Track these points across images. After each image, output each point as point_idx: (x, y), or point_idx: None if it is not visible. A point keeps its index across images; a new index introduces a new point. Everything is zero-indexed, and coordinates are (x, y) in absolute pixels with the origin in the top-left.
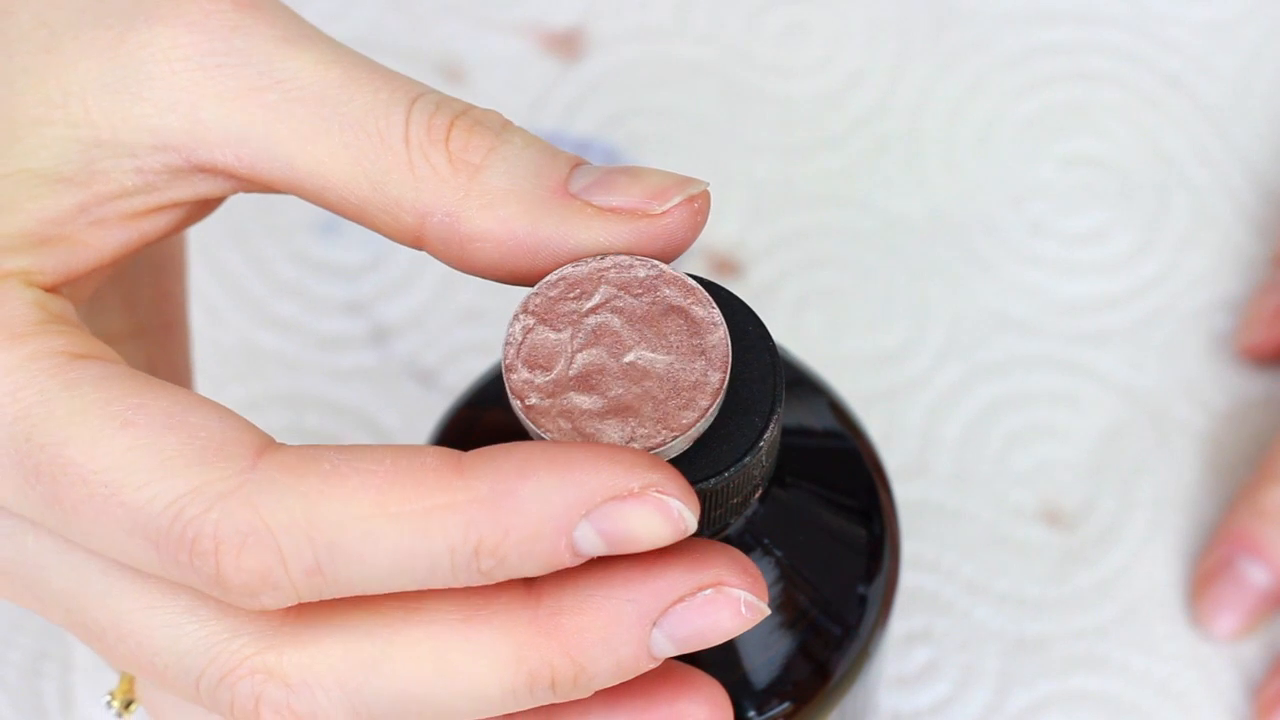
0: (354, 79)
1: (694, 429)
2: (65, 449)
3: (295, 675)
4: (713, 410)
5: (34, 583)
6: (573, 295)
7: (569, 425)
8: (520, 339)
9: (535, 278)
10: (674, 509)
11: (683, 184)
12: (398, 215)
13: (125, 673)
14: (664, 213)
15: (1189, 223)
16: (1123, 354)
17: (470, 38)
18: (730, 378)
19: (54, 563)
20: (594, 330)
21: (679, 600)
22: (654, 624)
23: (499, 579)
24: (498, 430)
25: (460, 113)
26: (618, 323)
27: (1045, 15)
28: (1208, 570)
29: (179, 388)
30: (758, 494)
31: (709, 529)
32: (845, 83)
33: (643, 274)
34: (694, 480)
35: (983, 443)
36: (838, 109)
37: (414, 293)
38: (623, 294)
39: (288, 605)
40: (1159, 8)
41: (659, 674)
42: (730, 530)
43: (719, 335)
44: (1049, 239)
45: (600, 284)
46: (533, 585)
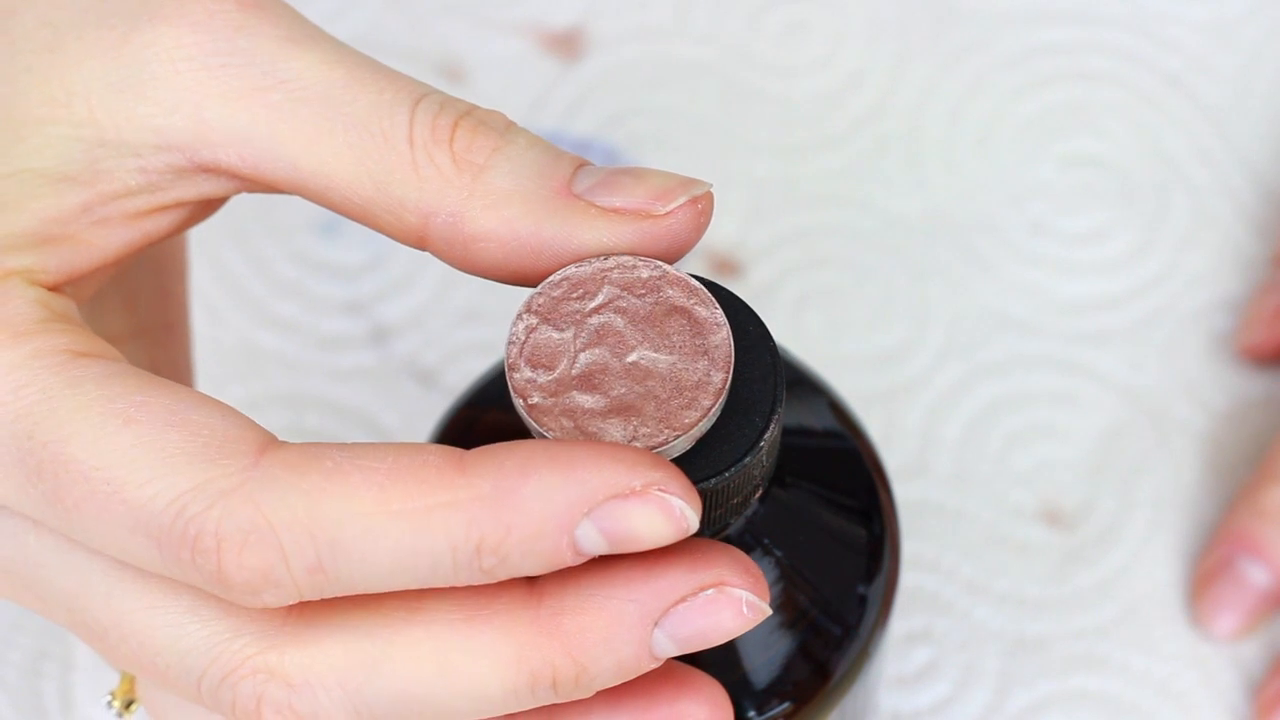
0: (358, 79)
1: (696, 428)
2: (67, 446)
3: (297, 675)
4: (715, 410)
5: (35, 582)
6: (576, 295)
7: (571, 424)
8: (523, 338)
9: (538, 278)
10: (676, 508)
11: (686, 185)
12: (401, 215)
13: (126, 672)
14: (667, 214)
15: (1189, 223)
16: (1123, 354)
17: (470, 38)
18: (731, 377)
19: (55, 562)
20: (597, 330)
21: (681, 600)
22: (655, 624)
23: (501, 578)
24: (498, 430)
25: (464, 113)
26: (621, 323)
27: (1045, 15)
28: (1208, 570)
29: (181, 386)
30: (758, 494)
31: (709, 529)
32: (845, 83)
33: (646, 274)
34: (695, 480)
35: (983, 443)
36: (838, 109)
37: (414, 293)
38: (626, 294)
39: (289, 603)
40: (1159, 8)
41: (660, 674)
42: (730, 530)
43: (722, 336)
44: (1049, 239)
45: (603, 284)
46: (534, 585)
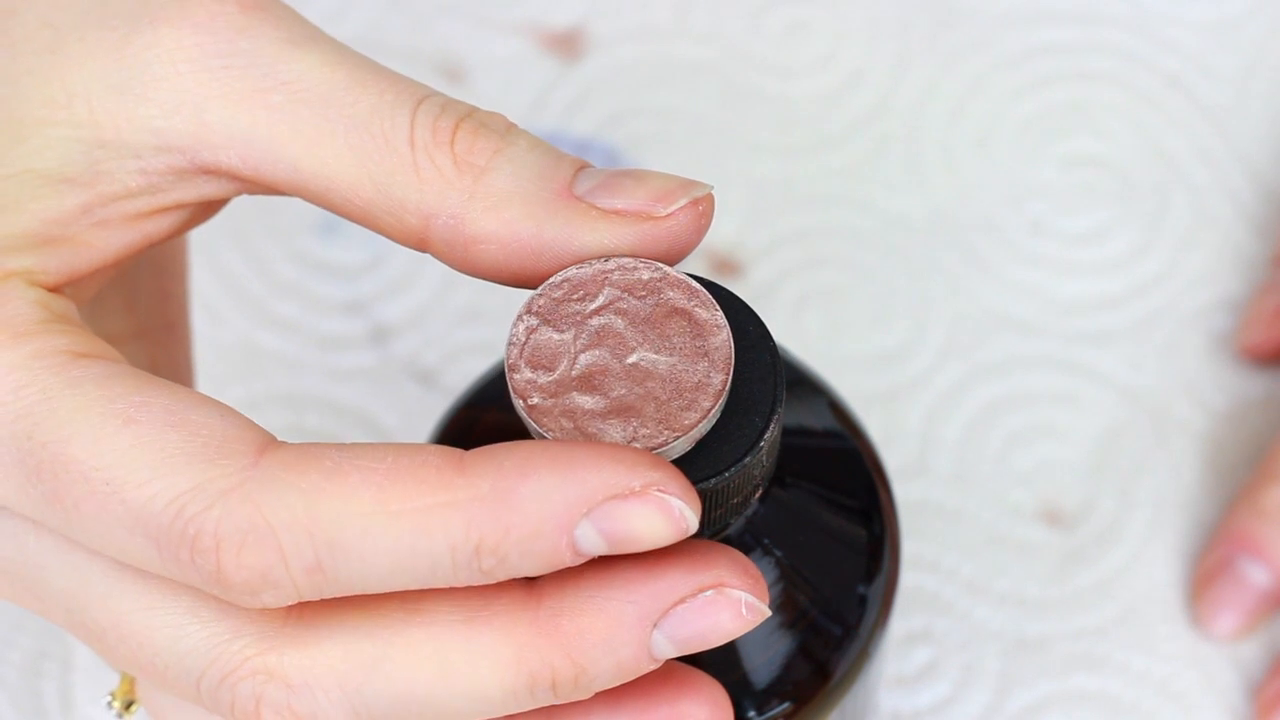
0: (359, 81)
1: (696, 429)
2: (67, 446)
3: (296, 676)
4: (715, 411)
5: (35, 583)
6: (576, 297)
7: (571, 425)
8: (524, 339)
9: (539, 280)
10: (675, 508)
11: (687, 187)
12: (402, 217)
13: (126, 673)
14: (668, 215)
15: (1189, 223)
16: (1123, 354)
17: (470, 38)
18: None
19: (55, 563)
20: (597, 331)
21: (680, 601)
22: (655, 625)
23: (500, 578)
24: (498, 430)
25: (465, 115)
26: (621, 324)
27: (1045, 15)
28: (1208, 570)
29: (181, 386)
30: (758, 494)
31: (709, 529)
32: (845, 83)
33: (646, 276)
34: (694, 480)
35: (983, 443)
36: (838, 109)
37: (414, 293)
38: (626, 296)
39: (289, 604)
40: (1159, 8)
41: (659, 674)
42: (730, 530)
43: (722, 337)
44: (1049, 239)
45: (604, 286)
46: (533, 586)
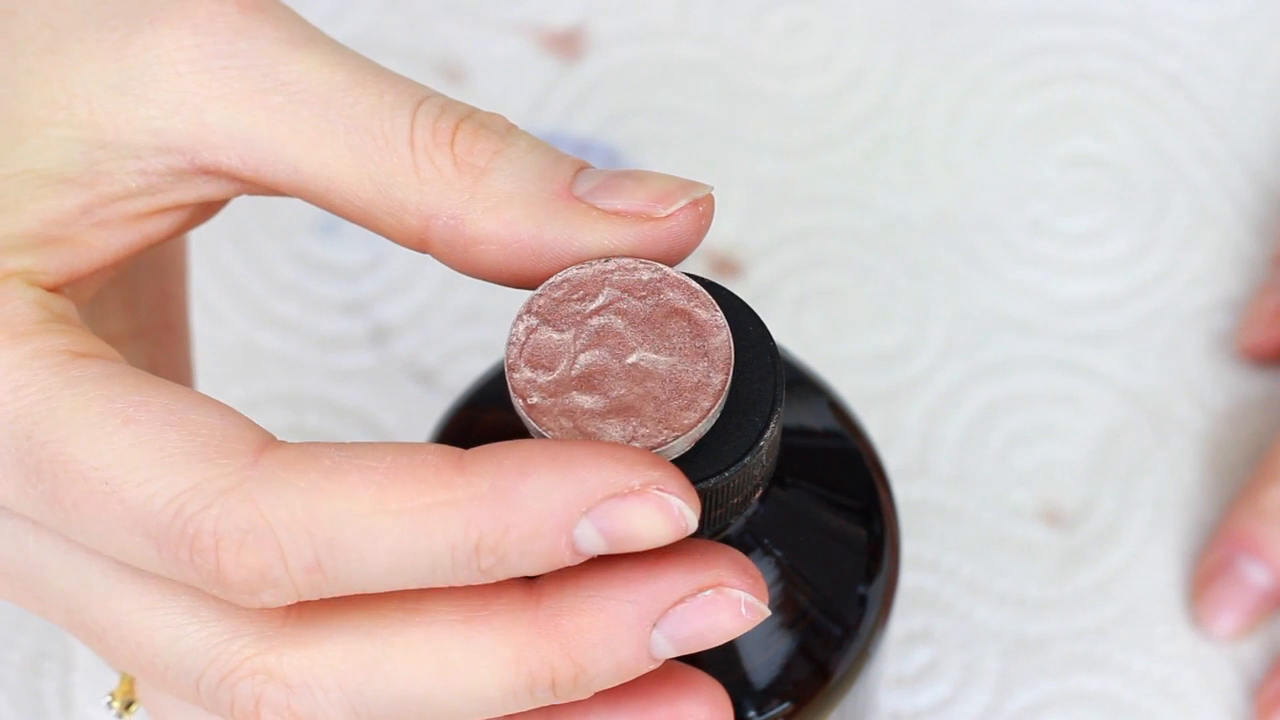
0: (359, 82)
1: (695, 429)
2: (66, 446)
3: (295, 676)
4: (714, 411)
5: (34, 583)
6: (576, 297)
7: (570, 424)
8: (524, 339)
9: (539, 281)
10: (674, 507)
11: (687, 188)
12: (402, 218)
13: (126, 673)
14: (668, 216)
15: (1189, 223)
16: (1123, 354)
17: (470, 38)
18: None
19: (54, 563)
20: (597, 331)
21: (679, 601)
22: (654, 625)
23: (499, 577)
24: (498, 430)
25: (465, 116)
26: (621, 324)
27: (1045, 15)
28: (1208, 570)
29: (180, 386)
30: (758, 494)
31: (709, 529)
32: (845, 83)
33: (646, 277)
34: (694, 480)
35: (983, 443)
36: (838, 109)
37: (414, 293)
38: (626, 296)
39: (288, 603)
40: (1159, 8)
41: (659, 674)
42: (730, 530)
43: (722, 338)
44: (1049, 239)
45: (604, 286)
46: (533, 586)
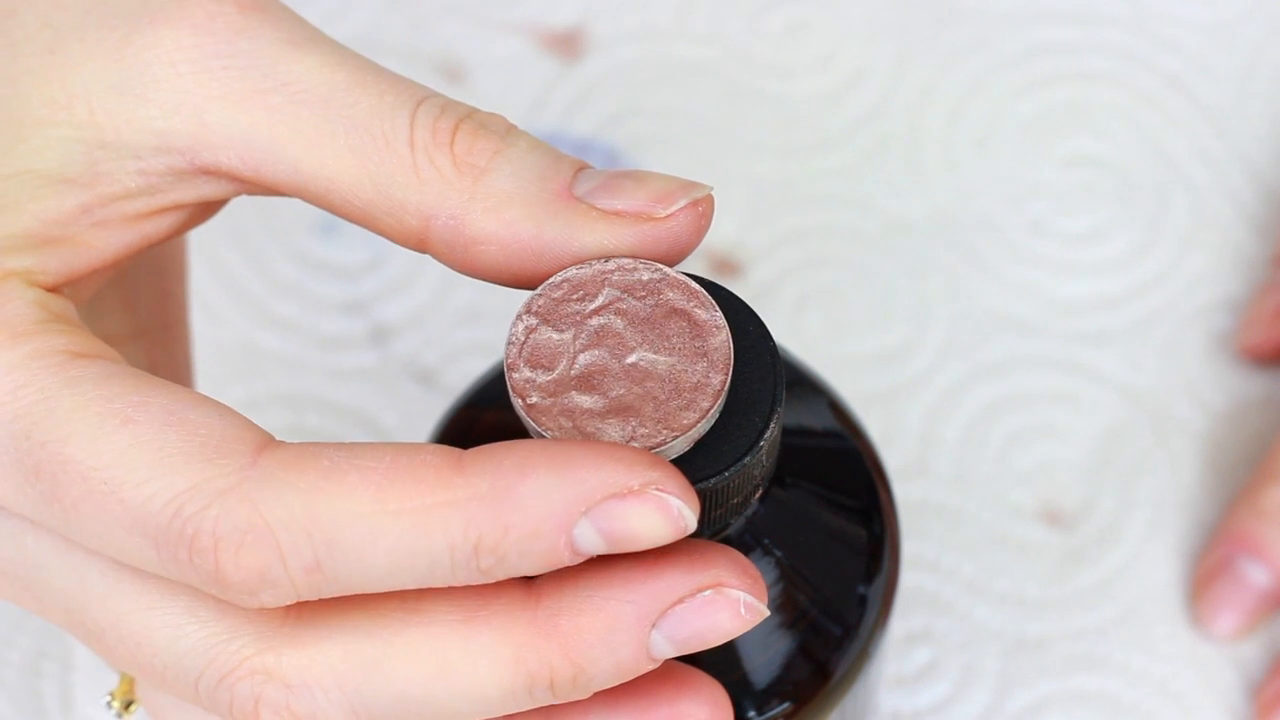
0: (359, 82)
1: (695, 429)
2: (65, 446)
3: (294, 676)
4: (714, 411)
5: (33, 583)
6: (576, 297)
7: (570, 424)
8: (523, 339)
9: (539, 281)
10: (674, 507)
11: (687, 188)
12: (402, 218)
13: (125, 673)
14: (668, 216)
15: (1189, 223)
16: (1123, 354)
17: (470, 38)
18: (730, 378)
19: (54, 562)
20: (597, 331)
21: (678, 601)
22: (653, 625)
23: (498, 577)
24: (497, 430)
25: (465, 116)
26: (620, 324)
27: (1045, 15)
28: (1208, 570)
29: (179, 386)
30: (758, 494)
31: (709, 529)
32: (845, 83)
33: (646, 277)
34: (694, 480)
35: (983, 443)
36: (838, 109)
37: (414, 293)
38: (626, 296)
39: (287, 603)
40: (1159, 8)
41: (659, 674)
42: (730, 530)
43: (721, 338)
44: (1049, 239)
45: (604, 286)
46: (532, 586)
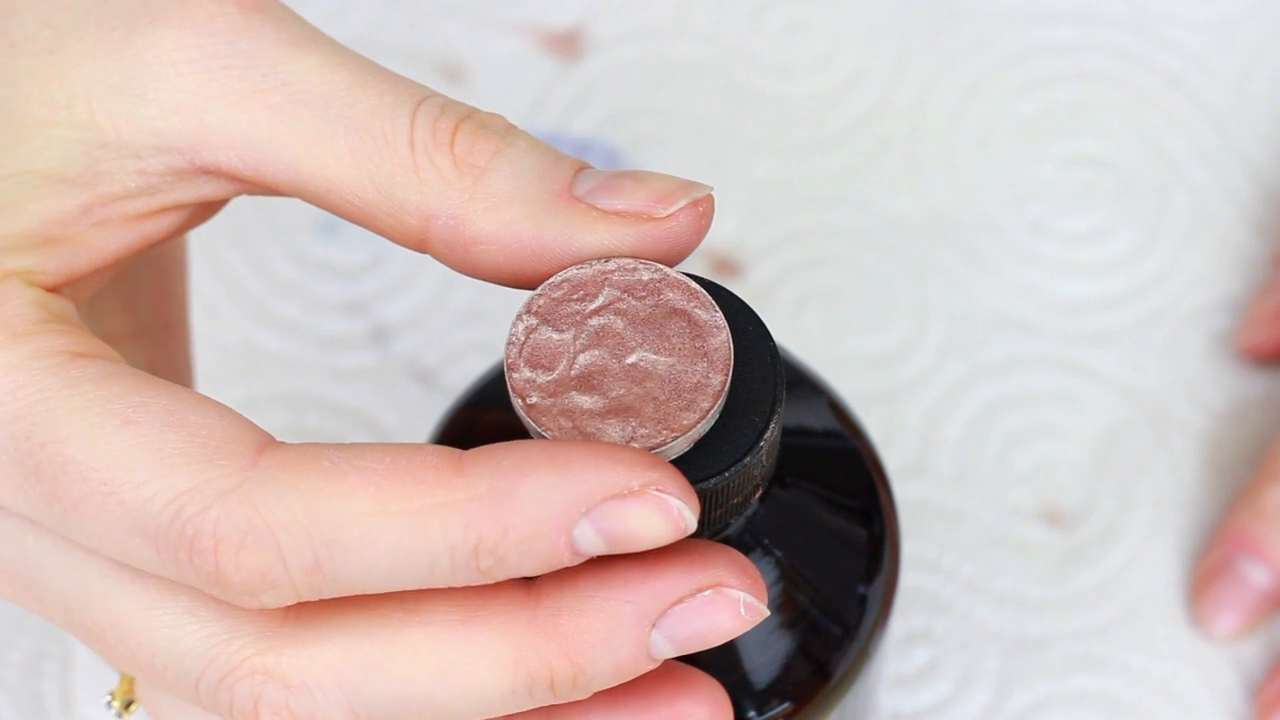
0: (359, 82)
1: (694, 430)
2: (65, 447)
3: (294, 676)
4: (714, 412)
5: (34, 583)
6: (576, 297)
7: (570, 424)
8: (523, 339)
9: (539, 281)
10: (674, 508)
11: (687, 188)
12: (402, 218)
13: (125, 673)
14: (668, 216)
15: (1189, 223)
16: (1123, 354)
17: (470, 38)
18: (730, 378)
19: (54, 563)
20: (597, 332)
21: (678, 601)
22: (653, 625)
23: (498, 578)
24: (498, 430)
25: (465, 116)
26: (620, 324)
27: (1045, 15)
28: (1208, 570)
29: (179, 386)
30: (758, 494)
31: (709, 529)
32: (845, 83)
33: (646, 277)
34: (694, 480)
35: (983, 443)
36: (838, 109)
37: (414, 293)
38: (626, 296)
39: (287, 604)
40: (1159, 8)
41: (658, 674)
42: (730, 530)
43: (721, 339)
44: (1049, 239)
45: (604, 286)
46: (532, 586)
